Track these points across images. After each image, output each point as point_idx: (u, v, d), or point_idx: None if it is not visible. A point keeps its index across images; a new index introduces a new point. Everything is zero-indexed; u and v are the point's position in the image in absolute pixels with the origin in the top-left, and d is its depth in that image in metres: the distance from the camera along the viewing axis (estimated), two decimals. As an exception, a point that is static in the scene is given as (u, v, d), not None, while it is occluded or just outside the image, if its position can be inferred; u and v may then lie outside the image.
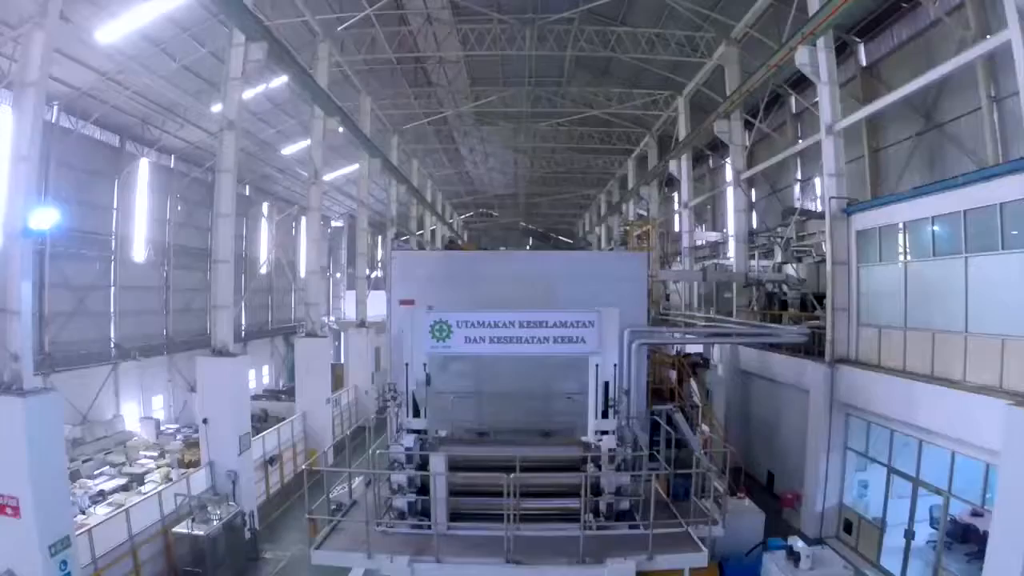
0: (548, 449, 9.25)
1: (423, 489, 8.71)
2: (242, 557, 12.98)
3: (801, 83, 21.63)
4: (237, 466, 13.63)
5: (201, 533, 11.83)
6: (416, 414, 9.11)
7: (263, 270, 36.82)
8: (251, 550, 13.43)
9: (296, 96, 25.39)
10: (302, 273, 41.14)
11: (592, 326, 9.08)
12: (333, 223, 47.17)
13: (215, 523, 12.13)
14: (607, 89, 28.53)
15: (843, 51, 20.30)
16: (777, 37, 17.00)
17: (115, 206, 23.86)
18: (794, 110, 23.91)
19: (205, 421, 13.65)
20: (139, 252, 25.63)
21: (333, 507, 9.32)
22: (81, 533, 10.04)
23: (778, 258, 20.75)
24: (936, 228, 11.68)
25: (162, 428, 23.10)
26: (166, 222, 27.22)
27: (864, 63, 19.98)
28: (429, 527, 8.41)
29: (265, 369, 36.47)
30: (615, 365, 9.07)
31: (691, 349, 19.05)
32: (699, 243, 28.63)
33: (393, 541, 8.28)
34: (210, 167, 28.29)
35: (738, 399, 19.19)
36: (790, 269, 20.00)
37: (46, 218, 8.76)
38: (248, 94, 20.00)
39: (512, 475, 7.71)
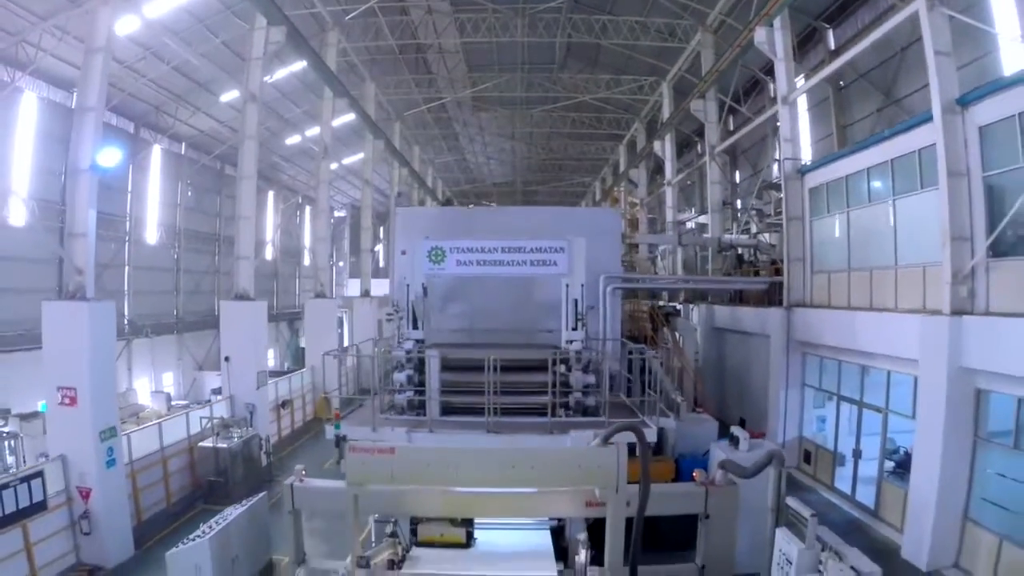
0: (525, 351, 10.73)
1: (420, 386, 10.22)
2: (258, 478, 14.43)
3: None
4: (255, 399, 15.18)
5: (224, 446, 13.39)
6: (415, 326, 10.63)
7: (268, 256, 38.19)
8: (266, 472, 14.93)
9: (304, 86, 26.85)
10: (306, 261, 42.70)
11: (563, 252, 10.62)
12: (336, 213, 48.41)
13: (236, 440, 13.67)
14: (597, 76, 30.08)
15: (812, 36, 21.93)
16: (748, 23, 18.56)
17: (129, 189, 25.07)
18: (772, 94, 25.42)
19: (227, 359, 15.16)
20: (152, 234, 26.90)
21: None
22: (124, 433, 11.55)
23: (754, 229, 22.26)
24: (871, 178, 13.23)
25: (172, 403, 23.81)
26: (177, 206, 28.52)
27: (832, 47, 21.42)
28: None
29: (270, 353, 37.66)
30: (582, 285, 10.57)
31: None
32: (689, 226, 30.13)
33: (394, 423, 9.81)
34: (219, 155, 29.84)
35: (714, 356, 20.66)
36: (763, 238, 21.51)
37: (110, 157, 10.34)
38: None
39: (492, 355, 9.23)
